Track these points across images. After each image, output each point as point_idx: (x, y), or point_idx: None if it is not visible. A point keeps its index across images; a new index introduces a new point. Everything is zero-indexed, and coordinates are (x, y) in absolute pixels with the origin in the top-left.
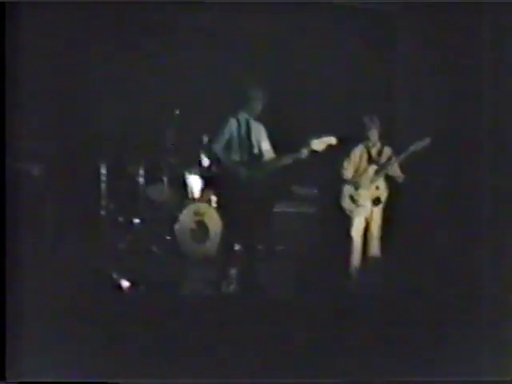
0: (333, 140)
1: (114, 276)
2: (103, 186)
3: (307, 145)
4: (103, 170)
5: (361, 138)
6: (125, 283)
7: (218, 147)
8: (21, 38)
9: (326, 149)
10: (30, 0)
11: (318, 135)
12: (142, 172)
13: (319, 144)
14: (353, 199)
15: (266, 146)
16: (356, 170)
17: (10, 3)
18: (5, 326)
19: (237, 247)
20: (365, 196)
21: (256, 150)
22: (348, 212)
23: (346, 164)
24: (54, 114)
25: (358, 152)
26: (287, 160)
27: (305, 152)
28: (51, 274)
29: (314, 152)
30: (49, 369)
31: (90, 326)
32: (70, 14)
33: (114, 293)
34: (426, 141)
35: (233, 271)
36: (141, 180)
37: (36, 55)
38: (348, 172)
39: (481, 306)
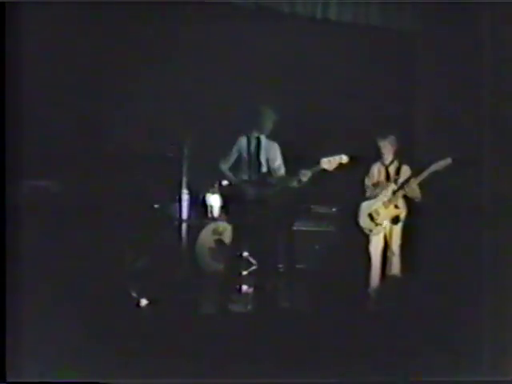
0: (344, 158)
1: (133, 294)
2: (123, 204)
3: (317, 164)
4: (123, 189)
5: (377, 156)
6: (143, 301)
7: (224, 165)
8: (21, 38)
9: (339, 167)
10: (30, 0)
11: (329, 154)
12: (162, 190)
13: (329, 163)
14: (372, 217)
15: (278, 163)
16: (374, 188)
17: (10, 3)
18: (5, 326)
19: (255, 266)
20: (384, 214)
21: (264, 169)
22: (367, 231)
23: (367, 181)
24: (65, 125)
25: (376, 169)
26: (295, 180)
27: (312, 172)
28: (64, 284)
29: (324, 171)
30: (49, 369)
31: (95, 331)
32: (71, 13)
33: (131, 309)
34: (448, 160)
35: (251, 290)
36: (160, 199)
37: (37, 56)
38: (369, 189)
39: (481, 307)
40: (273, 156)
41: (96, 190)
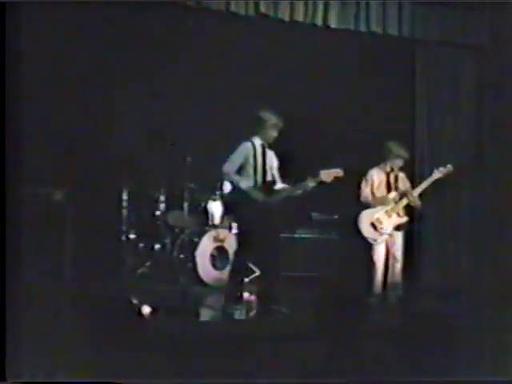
0: (340, 172)
1: (134, 302)
2: (124, 211)
3: (316, 176)
4: (124, 196)
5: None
6: (146, 309)
7: (229, 169)
8: (21, 38)
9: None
10: (30, 0)
11: (328, 166)
12: (162, 198)
13: (327, 175)
14: (375, 227)
15: (275, 172)
16: (374, 195)
17: (10, 3)
18: (5, 326)
19: (257, 273)
20: (387, 223)
21: (269, 177)
22: (371, 240)
23: (363, 185)
24: (66, 127)
25: (376, 176)
26: (295, 190)
27: (312, 183)
28: (64, 287)
29: (322, 183)
30: (49, 369)
31: (95, 333)
32: (71, 13)
33: (132, 315)
34: (449, 168)
35: (253, 297)
36: (161, 206)
37: (37, 56)
38: (367, 194)
39: (482, 307)
40: (273, 164)
41: (97, 198)
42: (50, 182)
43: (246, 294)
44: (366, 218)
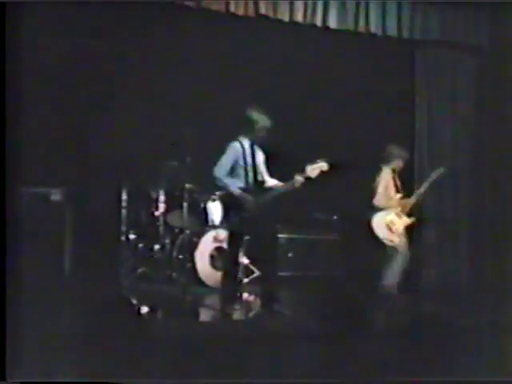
0: (324, 166)
1: (134, 301)
2: (124, 211)
3: (302, 172)
4: (124, 196)
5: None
6: (144, 309)
7: (220, 172)
8: (21, 38)
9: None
10: (30, 0)
11: (313, 162)
12: (162, 198)
13: (312, 171)
14: (389, 228)
15: (262, 170)
16: (385, 197)
17: (10, 3)
18: (5, 326)
19: (256, 273)
20: (399, 224)
21: (260, 177)
22: (387, 241)
23: (380, 188)
24: (65, 128)
25: (387, 178)
26: (285, 187)
27: (300, 179)
28: (64, 287)
29: (308, 179)
30: (49, 369)
31: (94, 333)
32: (71, 13)
33: (131, 314)
34: (441, 170)
35: (252, 298)
36: (161, 206)
37: (37, 56)
38: (380, 197)
39: (482, 307)
40: (260, 161)
41: (97, 198)
42: (50, 182)
43: (245, 295)
44: (379, 222)
